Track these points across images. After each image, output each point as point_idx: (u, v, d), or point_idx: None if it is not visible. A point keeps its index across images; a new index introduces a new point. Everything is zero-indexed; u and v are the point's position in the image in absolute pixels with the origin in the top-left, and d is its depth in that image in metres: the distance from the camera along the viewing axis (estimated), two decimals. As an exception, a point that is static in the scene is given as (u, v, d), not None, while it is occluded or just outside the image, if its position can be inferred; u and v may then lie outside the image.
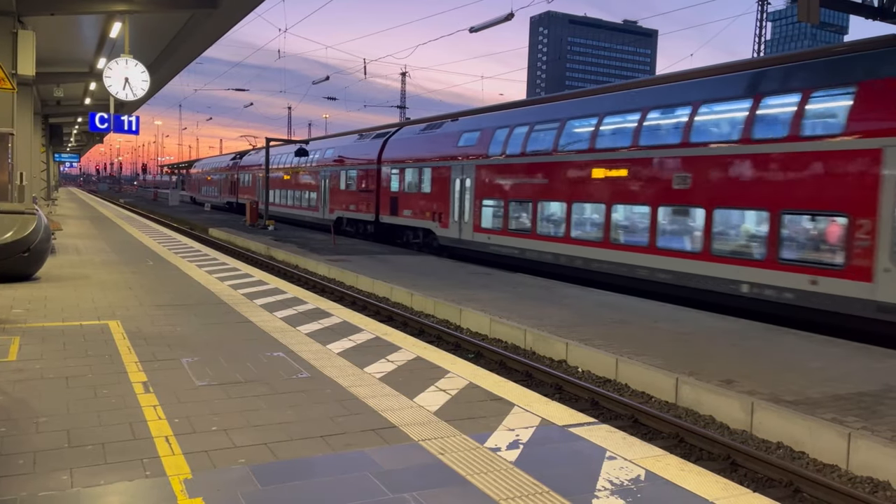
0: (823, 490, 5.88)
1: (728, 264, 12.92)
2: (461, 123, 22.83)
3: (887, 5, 15.02)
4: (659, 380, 8.39)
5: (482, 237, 20.27)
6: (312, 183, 34.69)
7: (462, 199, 21.36)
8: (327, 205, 32.42)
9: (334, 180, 31.63)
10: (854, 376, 8.31)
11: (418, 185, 24.05)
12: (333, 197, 31.63)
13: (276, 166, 40.14)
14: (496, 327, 11.40)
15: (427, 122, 26.79)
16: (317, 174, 34.13)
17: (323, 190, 33.01)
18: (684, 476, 4.31)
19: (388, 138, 27.42)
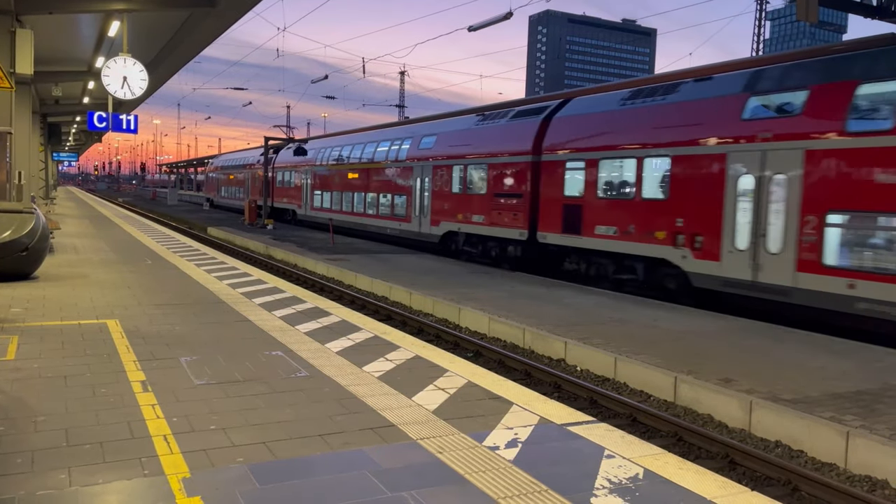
0: (822, 488, 5.88)
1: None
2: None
3: (886, 4, 15.03)
4: (657, 378, 8.40)
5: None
6: (398, 183, 24.98)
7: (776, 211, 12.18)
8: (427, 213, 22.96)
9: (441, 179, 22.17)
10: (853, 375, 8.32)
11: (638, 188, 14.79)
12: (441, 203, 22.13)
13: (329, 162, 31.72)
14: (495, 326, 11.40)
15: (635, 86, 16.69)
16: (407, 171, 24.36)
17: (419, 192, 23.49)
18: (682, 474, 4.31)
19: (553, 115, 18.04)
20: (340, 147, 31.59)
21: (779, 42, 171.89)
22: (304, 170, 35.66)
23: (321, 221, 32.85)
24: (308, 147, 35.82)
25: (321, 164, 33.07)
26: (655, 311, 12.38)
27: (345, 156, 30.56)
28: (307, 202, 35.18)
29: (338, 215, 30.51)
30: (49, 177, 45.75)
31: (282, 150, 39.77)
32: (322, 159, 33.05)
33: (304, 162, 35.42)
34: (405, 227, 24.20)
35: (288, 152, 38.31)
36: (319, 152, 33.81)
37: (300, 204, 36.44)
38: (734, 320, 11.82)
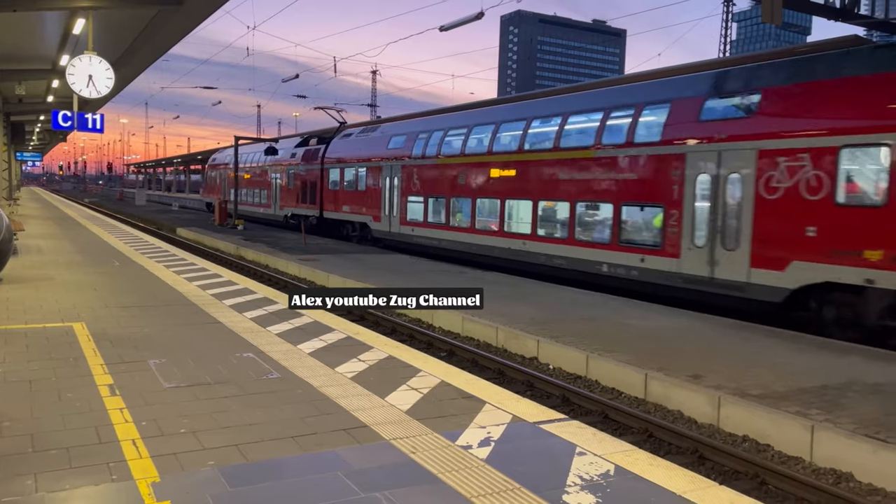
0: (788, 482, 5.99)
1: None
2: None
3: (849, 6, 15.38)
4: (629, 376, 8.49)
5: None
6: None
7: None
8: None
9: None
10: (818, 370, 8.49)
11: None
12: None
13: (452, 155, 20.40)
14: (468, 326, 11.43)
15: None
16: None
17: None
18: (653, 470, 4.37)
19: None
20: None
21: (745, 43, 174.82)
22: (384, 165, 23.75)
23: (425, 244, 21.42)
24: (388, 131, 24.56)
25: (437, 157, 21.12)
26: (627, 309, 12.52)
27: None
28: (397, 213, 22.89)
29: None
30: (12, 177, 44.74)
31: (334, 139, 28.04)
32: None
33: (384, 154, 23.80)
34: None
35: (344, 141, 26.79)
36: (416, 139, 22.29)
37: (378, 215, 24.02)
38: (704, 319, 11.99)
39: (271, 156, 32.81)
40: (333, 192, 27.57)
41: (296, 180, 30.97)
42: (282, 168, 32.92)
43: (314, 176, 28.95)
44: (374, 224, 24.17)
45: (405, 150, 22.30)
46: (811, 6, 15.29)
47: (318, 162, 28.56)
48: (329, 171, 27.71)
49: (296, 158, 31.29)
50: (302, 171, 30.34)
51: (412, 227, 21.66)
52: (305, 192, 30.04)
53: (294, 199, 31.44)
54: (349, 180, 26.35)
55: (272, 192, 34.02)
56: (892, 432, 6.23)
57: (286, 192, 32.46)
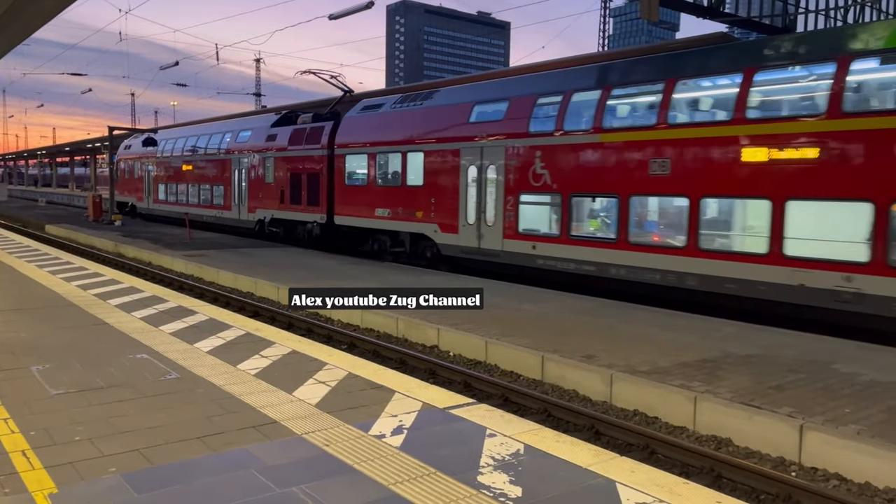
0: (675, 450, 6.45)
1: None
2: None
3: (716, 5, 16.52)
4: (526, 358, 8.80)
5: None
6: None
7: None
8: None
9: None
10: (697, 345, 9.14)
11: None
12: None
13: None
14: (368, 317, 11.42)
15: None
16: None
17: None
18: (559, 446, 4.59)
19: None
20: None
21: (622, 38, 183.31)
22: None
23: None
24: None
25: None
26: (523, 295, 12.92)
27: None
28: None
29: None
30: None
31: (349, 115, 21.15)
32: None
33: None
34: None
35: (370, 117, 20.18)
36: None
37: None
38: (591, 300, 12.58)
39: (231, 140, 25.74)
40: (352, 188, 19.73)
41: (278, 172, 22.43)
42: (250, 155, 24.16)
43: (314, 166, 20.86)
44: (443, 236, 16.62)
45: (513, 123, 15.22)
46: (682, 4, 16.34)
47: (321, 146, 20.54)
48: (345, 158, 19.75)
49: (277, 142, 22.70)
50: (290, 160, 21.98)
51: (531, 241, 14.63)
52: (298, 188, 21.61)
53: (275, 199, 22.75)
54: (384, 172, 18.71)
55: (233, 188, 25.32)
56: (764, 399, 6.83)
57: (259, 189, 23.65)
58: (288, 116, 23.81)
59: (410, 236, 17.90)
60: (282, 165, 22.34)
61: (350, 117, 20.28)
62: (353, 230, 19.90)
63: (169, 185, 31.12)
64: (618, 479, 4.07)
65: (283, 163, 22.28)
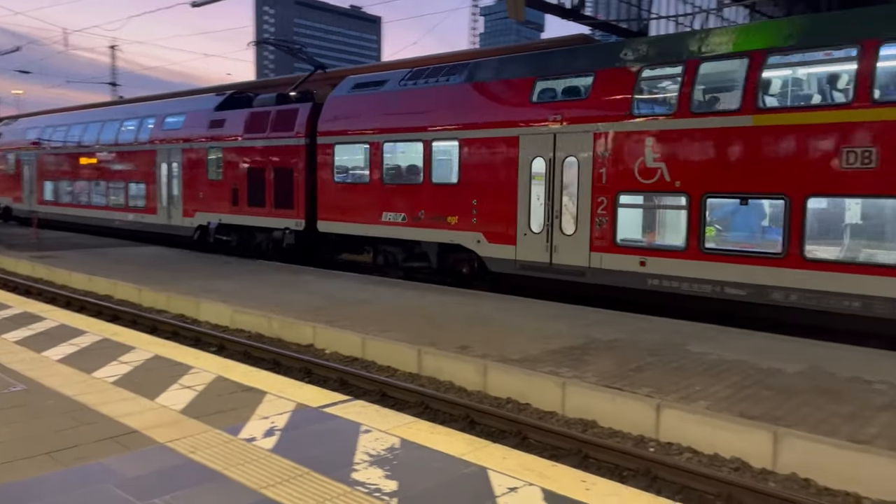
0: (545, 434, 6.71)
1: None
2: None
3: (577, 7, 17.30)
4: (403, 353, 8.83)
5: None
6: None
7: None
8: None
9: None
10: (565, 333, 9.55)
11: None
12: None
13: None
14: (238, 317, 11.01)
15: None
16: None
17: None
18: (434, 438, 4.64)
19: None
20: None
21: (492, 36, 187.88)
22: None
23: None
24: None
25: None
26: (400, 290, 12.95)
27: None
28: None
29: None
30: None
31: (334, 96, 17.09)
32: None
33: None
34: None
35: (367, 98, 16.31)
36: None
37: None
38: (466, 293, 12.83)
39: (154, 127, 21.24)
40: (344, 187, 15.97)
41: (229, 167, 18.50)
42: (185, 146, 19.97)
43: (285, 159, 17.15)
44: (492, 247, 13.35)
45: (606, 103, 11.85)
46: (547, 5, 16.98)
47: (295, 134, 16.95)
48: (333, 149, 16.11)
49: (226, 130, 18.73)
50: (248, 151, 18.12)
51: (638, 255, 11.53)
52: (260, 187, 17.72)
53: (224, 200, 18.66)
54: (396, 167, 15.21)
55: (159, 187, 20.88)
56: (625, 381, 7.25)
57: (199, 188, 19.46)
58: (237, 98, 19.85)
59: (438, 248, 14.23)
60: (235, 158, 18.38)
61: (337, 98, 16.37)
62: (344, 239, 16.21)
63: (61, 184, 25.58)
64: (490, 466, 4.17)
65: (238, 155, 18.31)
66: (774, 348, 8.78)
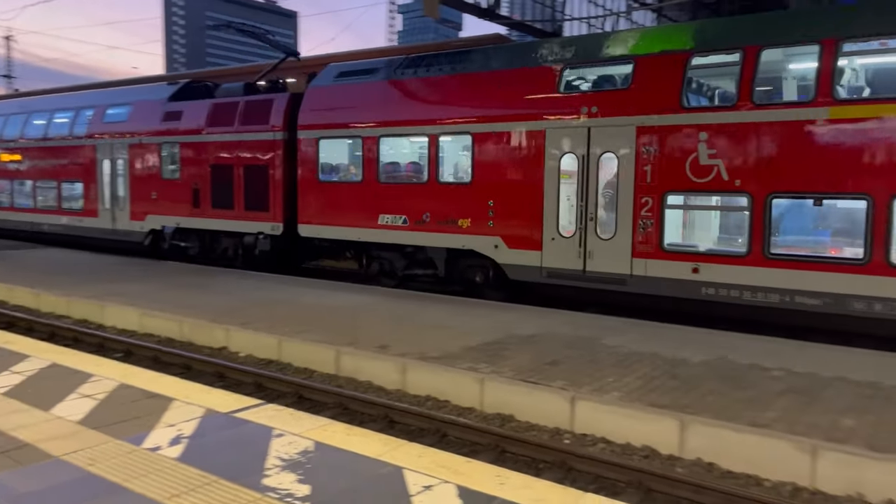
0: (464, 430, 6.73)
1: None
2: None
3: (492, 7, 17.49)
4: (321, 354, 8.68)
5: None
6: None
7: None
8: None
9: None
10: (484, 329, 9.62)
11: None
12: None
13: None
14: (147, 321, 10.55)
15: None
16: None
17: None
18: (350, 440, 4.56)
19: None
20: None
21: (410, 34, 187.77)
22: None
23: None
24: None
25: None
26: (319, 290, 12.73)
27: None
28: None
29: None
30: None
31: (316, 86, 15.46)
32: None
33: None
34: None
35: (364, 85, 14.65)
36: None
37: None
38: (378, 291, 12.75)
39: (94, 119, 19.09)
40: (332, 187, 14.49)
41: (189, 164, 16.73)
42: (135, 140, 17.94)
43: (258, 155, 15.50)
44: (513, 253, 12.11)
45: (649, 96, 10.82)
46: (463, 4, 17.07)
47: (270, 127, 15.34)
48: (318, 144, 14.57)
49: (184, 122, 16.96)
50: (212, 147, 16.33)
51: (690, 261, 10.49)
52: (226, 186, 16.04)
53: (183, 202, 16.88)
54: (396, 164, 13.90)
55: (100, 187, 18.80)
56: (542, 375, 7.37)
57: (152, 188, 17.58)
58: (193, 88, 18.03)
59: (447, 254, 12.97)
60: (196, 155, 16.54)
61: (320, 88, 14.81)
62: (331, 245, 14.79)
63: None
64: (406, 466, 4.13)
65: (199, 151, 16.46)
66: (682, 339, 9.14)
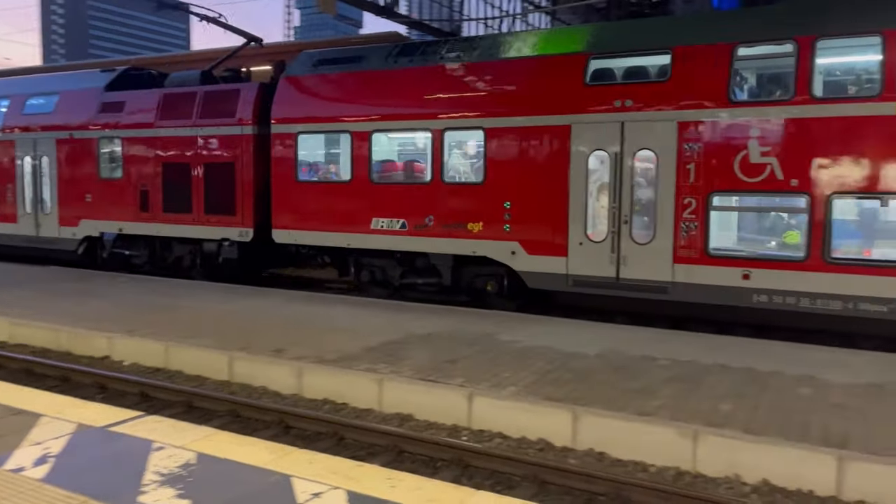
0: (361, 432, 6.62)
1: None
2: None
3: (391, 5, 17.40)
4: (212, 360, 8.33)
5: None
6: None
7: None
8: None
9: None
10: (384, 329, 9.53)
11: None
12: None
13: None
14: (18, 331, 9.79)
15: None
16: None
17: None
18: (236, 449, 4.37)
19: None
20: None
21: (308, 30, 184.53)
22: None
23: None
24: None
25: None
26: (207, 293, 12.24)
27: None
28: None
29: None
30: None
31: (293, 75, 13.69)
32: None
33: None
34: None
35: (358, 74, 13.11)
36: None
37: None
38: (277, 293, 12.42)
39: (12, 110, 16.69)
40: (313, 188, 13.03)
41: (134, 162, 14.76)
42: (64, 135, 15.74)
43: (223, 152, 13.79)
44: (533, 260, 11.05)
45: (690, 87, 10.08)
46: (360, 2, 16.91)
47: (237, 120, 13.64)
48: (296, 140, 12.99)
49: (127, 115, 14.93)
50: (166, 143, 14.46)
51: (740, 266, 9.85)
52: (182, 187, 14.20)
53: (128, 204, 14.87)
54: (390, 162, 12.66)
55: (20, 188, 16.53)
56: (440, 373, 7.38)
57: (86, 189, 15.45)
58: (134, 76, 15.91)
59: (454, 261, 11.79)
60: (144, 151, 14.58)
61: (296, 78, 13.24)
62: (313, 251, 13.36)
63: None
64: (295, 473, 3.99)
65: (148, 147, 14.52)
66: (578, 333, 9.40)
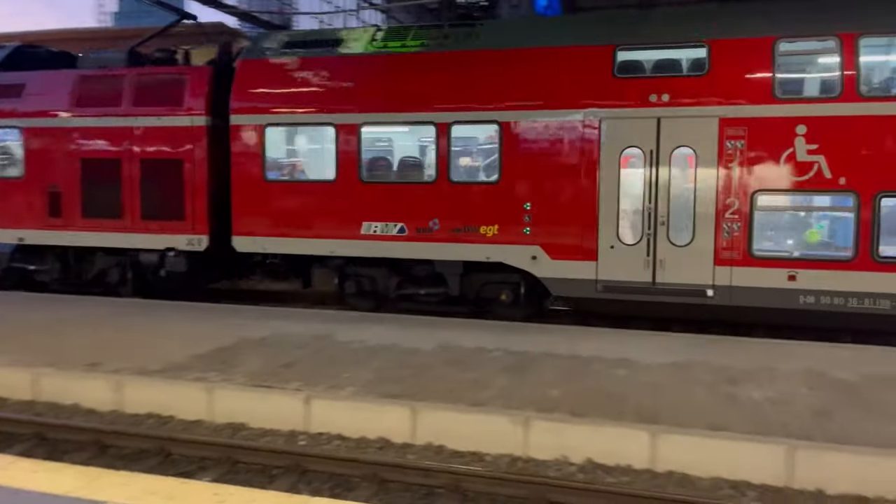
0: (189, 446, 6.22)
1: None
2: None
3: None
4: (12, 378, 7.47)
5: None
6: None
7: None
8: None
9: None
10: (213, 335, 9.04)
11: None
12: None
13: None
14: None
15: None
16: None
17: None
18: (36, 478, 3.92)
19: None
20: None
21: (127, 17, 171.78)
22: None
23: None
24: None
25: None
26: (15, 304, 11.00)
27: None
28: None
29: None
30: None
31: (264, 54, 11.79)
32: None
33: None
34: None
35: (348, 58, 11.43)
36: None
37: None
38: (100, 301, 11.45)
39: None
40: (286, 188, 11.43)
41: (38, 160, 12.49)
42: None
43: (168, 148, 11.79)
44: (558, 265, 10.20)
45: (735, 81, 9.73)
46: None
47: (185, 110, 11.69)
48: (263, 134, 11.25)
49: (33, 101, 12.53)
50: (88, 134, 12.25)
51: (786, 268, 9.61)
52: (109, 188, 12.01)
53: (31, 208, 12.51)
54: (385, 159, 11.31)
55: None
56: (276, 378, 7.13)
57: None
58: (32, 55, 13.34)
59: (463, 268, 10.71)
60: (55, 145, 12.35)
61: (259, 62, 11.50)
62: (283, 261, 11.72)
63: None
64: (107, 499, 3.64)
65: (60, 140, 12.29)
66: (416, 329, 9.49)
